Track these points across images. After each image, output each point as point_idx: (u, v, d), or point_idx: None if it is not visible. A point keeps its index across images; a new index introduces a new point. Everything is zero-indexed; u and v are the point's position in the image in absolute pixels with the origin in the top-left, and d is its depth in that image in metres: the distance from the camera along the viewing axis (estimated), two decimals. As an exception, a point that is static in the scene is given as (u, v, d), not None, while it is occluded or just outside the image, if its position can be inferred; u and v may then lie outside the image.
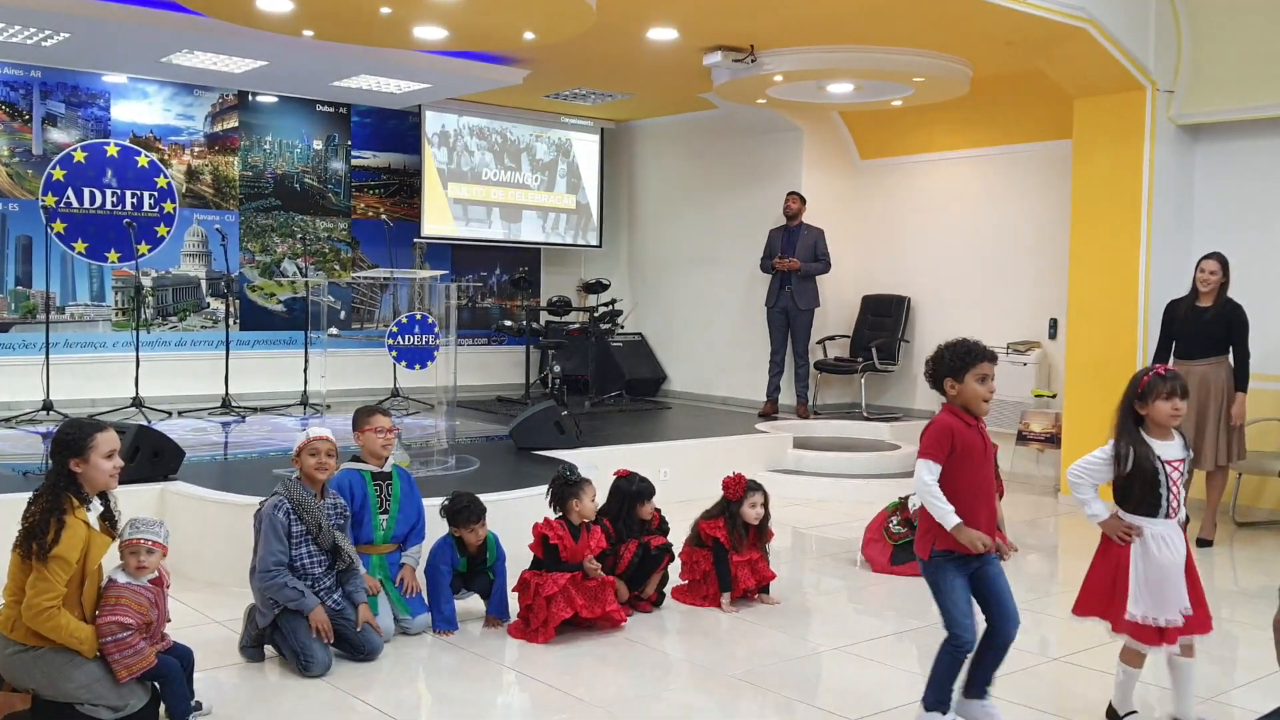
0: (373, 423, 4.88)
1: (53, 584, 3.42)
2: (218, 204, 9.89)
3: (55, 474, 3.57)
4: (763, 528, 5.46)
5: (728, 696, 4.18)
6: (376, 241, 10.66)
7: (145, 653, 3.60)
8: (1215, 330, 6.77)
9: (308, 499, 4.41)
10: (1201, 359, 6.79)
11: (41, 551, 3.41)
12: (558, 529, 4.85)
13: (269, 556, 4.31)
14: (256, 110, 10.04)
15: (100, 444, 3.59)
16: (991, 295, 9.43)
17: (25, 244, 8.95)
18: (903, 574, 5.98)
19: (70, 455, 3.57)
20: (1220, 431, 6.73)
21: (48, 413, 8.16)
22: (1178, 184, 7.96)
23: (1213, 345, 6.80)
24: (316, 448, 4.45)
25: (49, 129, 9.02)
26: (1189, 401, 4.38)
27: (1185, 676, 3.88)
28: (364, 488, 4.81)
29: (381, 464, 4.90)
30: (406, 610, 4.77)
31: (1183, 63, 7.82)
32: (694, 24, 7.41)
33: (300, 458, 4.48)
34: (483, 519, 4.91)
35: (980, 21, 7.08)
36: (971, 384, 3.72)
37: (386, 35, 7.15)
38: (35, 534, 3.43)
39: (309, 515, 4.38)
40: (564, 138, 11.61)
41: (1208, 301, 6.80)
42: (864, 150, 10.44)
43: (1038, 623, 5.29)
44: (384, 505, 4.83)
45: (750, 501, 5.36)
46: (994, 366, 3.80)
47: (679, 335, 11.34)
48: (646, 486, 5.28)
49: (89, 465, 3.57)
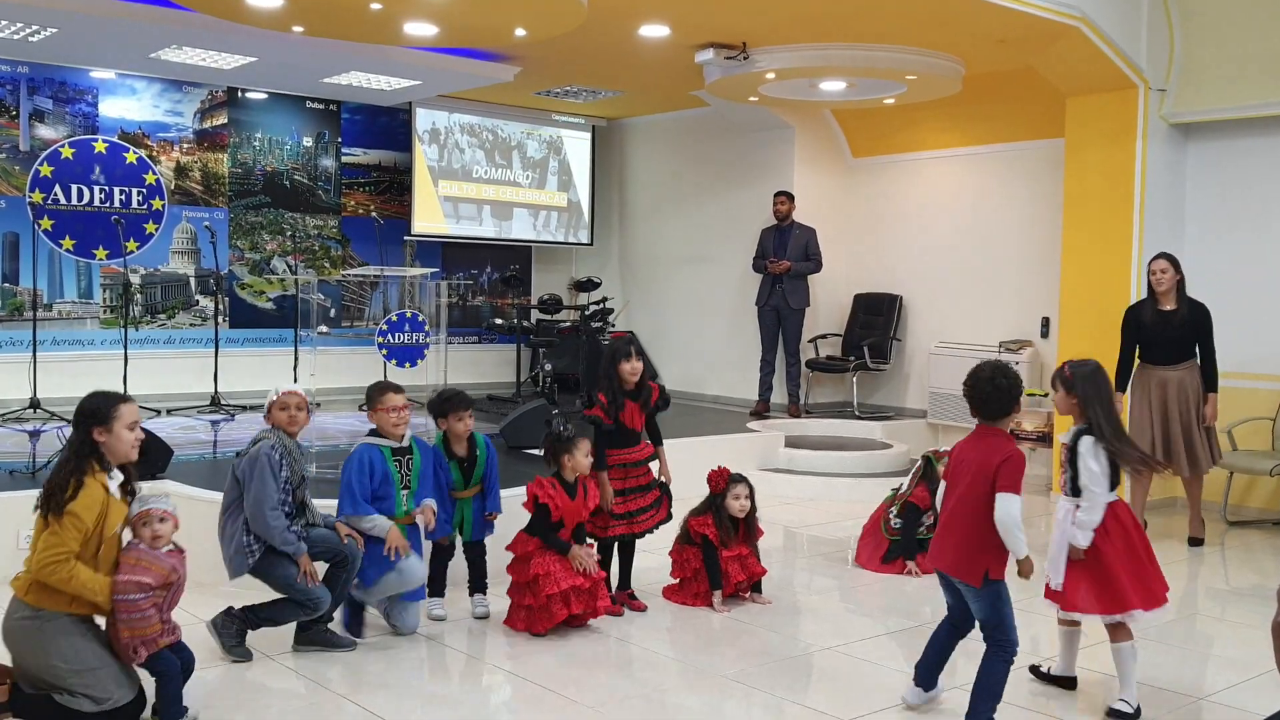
0: (385, 401, 4.79)
1: (64, 538, 3.45)
2: (207, 201, 9.83)
3: (79, 442, 3.62)
4: (751, 522, 5.42)
5: (719, 697, 4.16)
6: (367, 239, 10.61)
7: (152, 621, 3.60)
8: (1186, 334, 6.71)
9: (294, 448, 4.46)
10: (1172, 365, 6.72)
11: (57, 507, 3.46)
12: (548, 487, 4.81)
13: (270, 497, 4.31)
14: (246, 107, 9.98)
15: (124, 414, 3.68)
16: (983, 294, 9.42)
17: (12, 241, 8.88)
18: (891, 572, 5.97)
19: (95, 424, 3.63)
20: (1197, 436, 6.70)
21: (35, 411, 8.10)
22: (1169, 183, 7.96)
23: (1183, 351, 6.74)
24: (286, 401, 4.50)
25: (36, 125, 8.96)
26: (1152, 407, 5.82)
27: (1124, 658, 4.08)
28: (384, 464, 4.73)
29: (401, 438, 4.82)
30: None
31: (1175, 61, 7.82)
32: (686, 21, 7.38)
33: (271, 414, 4.51)
34: (470, 408, 4.97)
35: (973, 19, 7.06)
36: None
37: (377, 31, 7.11)
38: (54, 492, 3.50)
39: (295, 465, 4.43)
40: (555, 135, 11.57)
41: (1170, 304, 6.70)
42: (856, 148, 10.43)
43: (1029, 623, 5.27)
44: (405, 481, 4.76)
45: (734, 494, 5.32)
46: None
47: (670, 334, 11.31)
48: (620, 346, 5.16)
49: (112, 435, 3.64)
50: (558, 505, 4.80)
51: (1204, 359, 6.75)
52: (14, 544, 5.34)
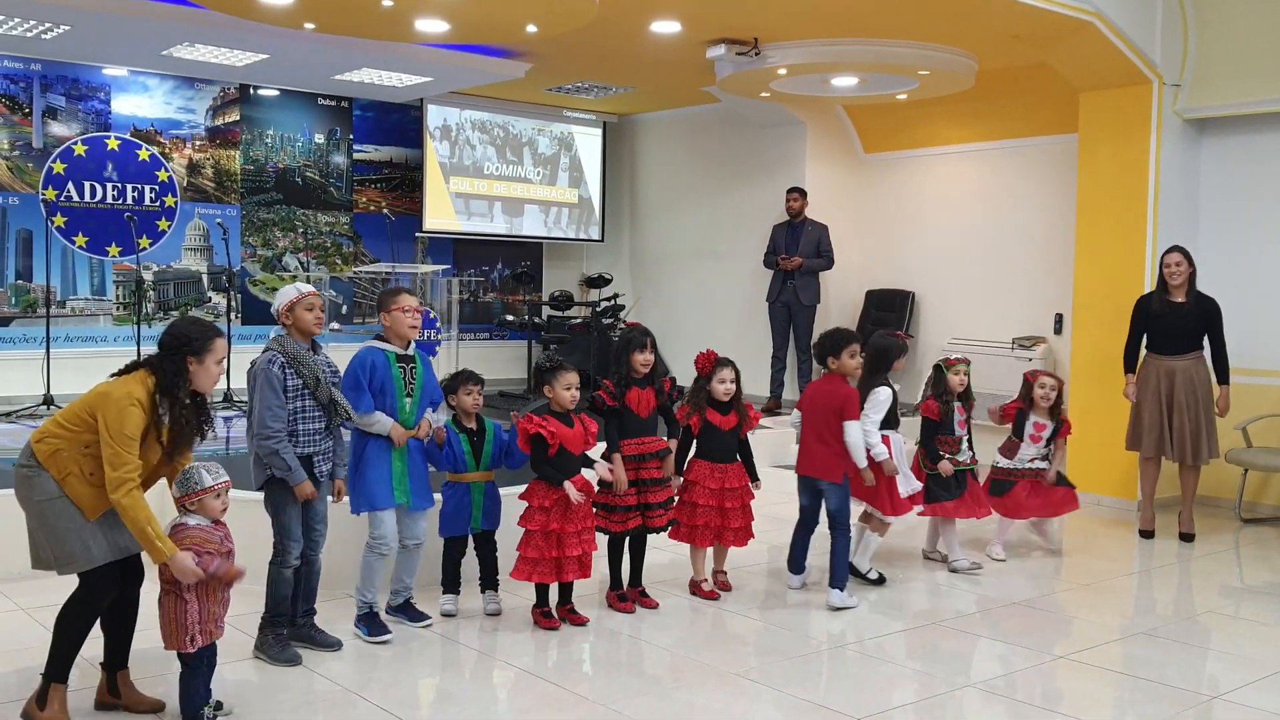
0: (399, 301, 4.71)
1: (126, 458, 3.53)
2: (219, 198, 9.85)
3: (173, 366, 3.67)
4: (739, 405, 5.34)
5: (730, 694, 4.15)
6: (378, 236, 10.62)
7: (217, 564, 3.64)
8: (1194, 325, 6.79)
9: (302, 352, 4.34)
10: (1178, 354, 6.80)
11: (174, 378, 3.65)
12: (538, 420, 4.77)
13: (267, 414, 4.24)
14: (258, 104, 10.00)
15: (218, 349, 3.77)
16: (996, 290, 9.39)
17: (26, 238, 8.91)
18: (936, 514, 6.02)
19: (190, 353, 3.70)
20: (1200, 426, 6.75)
21: (48, 408, 8.13)
22: (1184, 178, 7.91)
23: (1191, 341, 6.82)
24: (312, 302, 4.40)
25: (49, 122, 8.99)
26: (1159, 395, 6.76)
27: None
28: (388, 369, 4.66)
29: (405, 345, 4.76)
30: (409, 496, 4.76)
31: (1189, 56, 7.77)
32: (697, 17, 7.37)
33: (294, 312, 4.37)
34: (480, 384, 5.05)
35: (986, 14, 7.03)
36: (846, 359, 5.31)
37: (388, 28, 7.11)
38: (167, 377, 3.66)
39: (305, 369, 4.31)
40: (566, 131, 11.56)
41: (1180, 296, 6.79)
42: (868, 144, 10.40)
43: (1042, 620, 5.26)
44: (409, 388, 4.71)
45: (719, 377, 5.26)
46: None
47: (681, 330, 11.29)
48: (635, 337, 5.16)
49: (202, 367, 3.72)
50: (552, 432, 4.74)
51: (1215, 351, 6.82)
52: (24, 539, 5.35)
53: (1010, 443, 6.40)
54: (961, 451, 5.98)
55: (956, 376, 6.02)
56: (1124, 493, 7.74)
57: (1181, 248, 6.84)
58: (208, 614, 3.68)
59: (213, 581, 3.64)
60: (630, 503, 5.10)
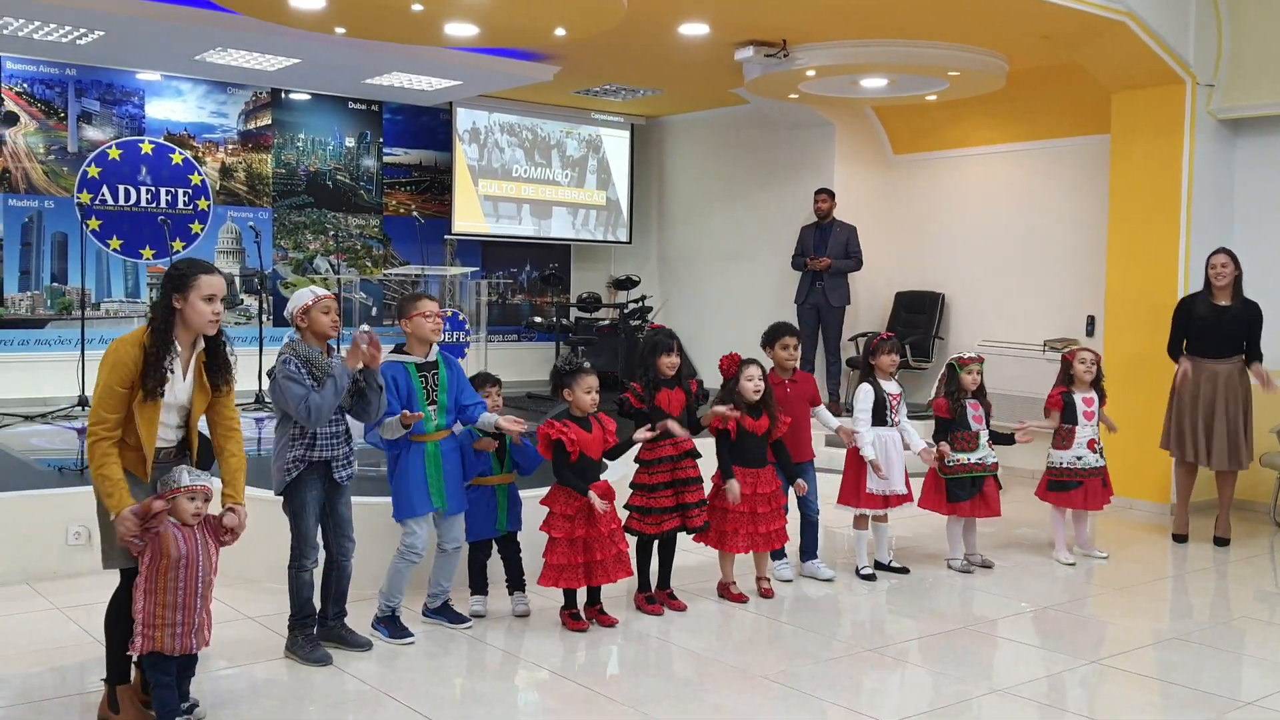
0: (419, 307, 4.71)
1: (100, 411, 3.53)
2: (251, 201, 9.94)
3: (161, 306, 3.66)
4: (769, 404, 5.34)
5: (757, 697, 4.15)
6: (408, 238, 10.68)
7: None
8: (1237, 329, 6.72)
9: (316, 355, 4.33)
10: (1220, 358, 6.73)
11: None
12: (559, 426, 4.77)
13: (294, 393, 4.19)
14: (289, 108, 10.08)
15: (203, 285, 3.65)
16: (1027, 292, 9.32)
17: (61, 241, 9.03)
18: (961, 514, 6.03)
19: (174, 290, 3.65)
20: (1239, 431, 6.68)
21: (83, 409, 8.22)
22: (1218, 179, 7.83)
23: (1234, 344, 6.75)
24: (328, 305, 4.36)
25: (84, 126, 9.10)
26: (1199, 399, 6.73)
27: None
28: (409, 381, 4.68)
29: (427, 352, 4.76)
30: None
31: (1223, 56, 7.69)
32: (725, 19, 7.36)
33: (309, 315, 4.34)
34: (499, 385, 5.19)
35: (1016, 15, 6.99)
36: (778, 351, 5.76)
37: (418, 32, 7.15)
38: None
39: (318, 369, 4.29)
40: (594, 134, 11.58)
41: (1225, 299, 6.72)
42: (898, 145, 10.35)
43: (1072, 624, 5.22)
44: (431, 396, 4.72)
45: (746, 375, 5.27)
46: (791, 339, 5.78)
47: (709, 331, 11.28)
48: (661, 339, 5.18)
49: (187, 304, 3.63)
50: (572, 439, 4.74)
51: (1251, 354, 6.74)
52: (63, 540, 5.44)
53: (1063, 431, 6.31)
54: (980, 448, 5.97)
55: (970, 375, 6.04)
56: (1158, 496, 7.67)
57: (1228, 250, 6.77)
58: (155, 616, 3.55)
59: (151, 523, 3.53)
60: (667, 504, 5.10)
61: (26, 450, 6.83)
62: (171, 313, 3.64)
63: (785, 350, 5.71)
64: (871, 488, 5.80)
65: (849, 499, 5.89)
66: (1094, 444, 6.26)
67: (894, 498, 5.85)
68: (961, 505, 6.01)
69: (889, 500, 5.84)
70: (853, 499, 5.87)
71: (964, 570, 6.02)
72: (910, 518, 6.79)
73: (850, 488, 5.88)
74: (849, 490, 5.89)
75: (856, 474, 5.85)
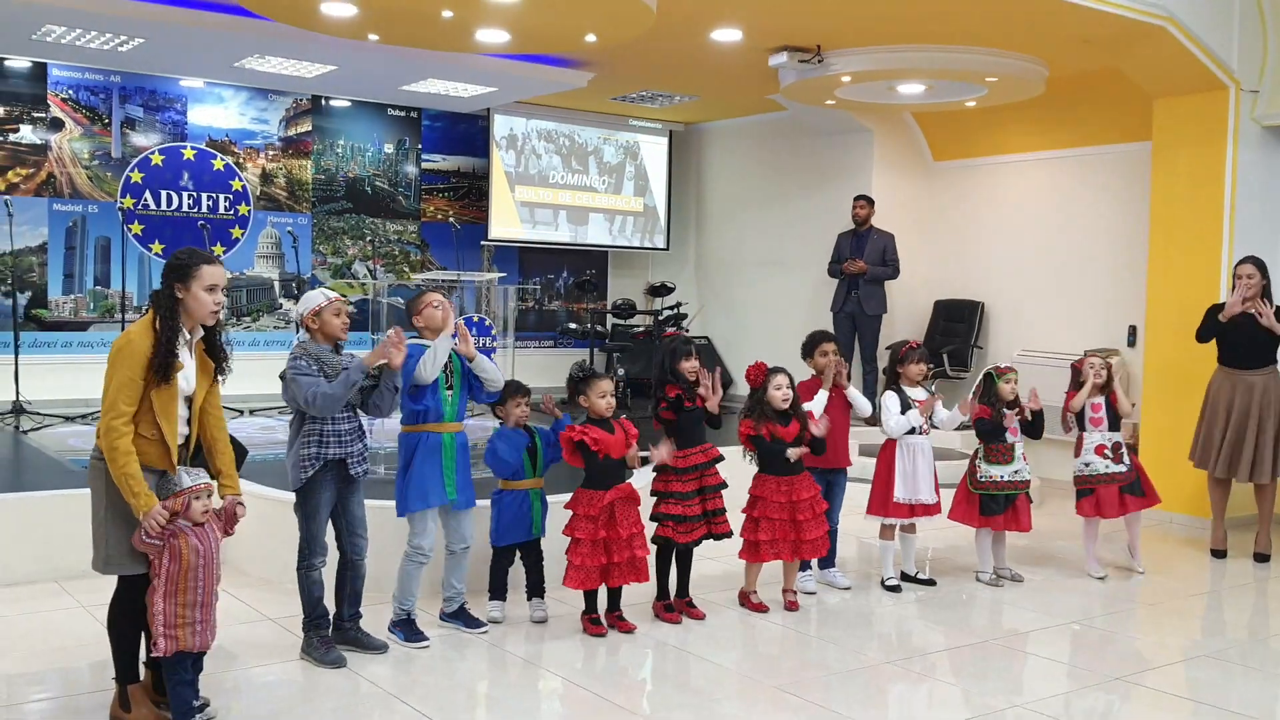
0: (424, 300, 4.80)
1: (114, 399, 3.53)
2: (291, 206, 10.04)
3: (164, 296, 3.66)
4: (799, 413, 5.29)
5: (772, 708, 4.10)
6: (445, 244, 10.74)
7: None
8: (1268, 338, 6.56)
9: (326, 354, 4.38)
10: (1253, 369, 6.59)
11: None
12: (580, 429, 4.81)
13: (306, 386, 4.24)
14: (329, 114, 10.18)
15: (205, 275, 3.68)
16: (1068, 301, 9.17)
17: (104, 245, 9.18)
18: (994, 527, 5.95)
19: (176, 279, 3.66)
20: (1275, 442, 6.52)
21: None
22: (1262, 187, 7.65)
23: (1265, 354, 6.60)
24: (339, 307, 4.42)
25: (128, 132, 9.25)
26: (1233, 410, 6.60)
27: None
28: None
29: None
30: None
31: (1268, 61, 7.52)
32: (758, 24, 7.32)
33: (321, 317, 4.40)
34: (528, 395, 5.11)
35: (1055, 20, 6.88)
36: (818, 359, 5.72)
37: (449, 39, 7.18)
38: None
39: (329, 368, 4.33)
40: (632, 140, 11.58)
41: (1257, 308, 6.53)
42: (937, 151, 10.24)
43: (1102, 640, 5.11)
44: (449, 380, 4.77)
45: (774, 384, 5.24)
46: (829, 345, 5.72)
47: (746, 338, 11.22)
48: (679, 345, 5.20)
49: (189, 294, 3.65)
50: (595, 439, 4.77)
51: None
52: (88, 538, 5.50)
53: (1079, 439, 6.25)
54: (1014, 460, 5.88)
55: (1008, 385, 5.96)
56: (1197, 510, 7.49)
57: (1255, 258, 6.60)
58: (178, 617, 3.60)
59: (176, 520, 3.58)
60: (695, 512, 5.07)
61: (63, 450, 6.94)
62: (175, 302, 3.67)
63: (824, 358, 5.67)
64: (898, 496, 5.73)
65: (876, 508, 5.83)
66: (1104, 449, 6.14)
67: (920, 507, 5.78)
68: (995, 519, 5.92)
69: (915, 509, 5.78)
70: (880, 508, 5.81)
71: (993, 583, 5.93)
72: (942, 529, 6.69)
73: (878, 497, 5.83)
74: (877, 500, 5.83)
75: (885, 483, 5.79)
